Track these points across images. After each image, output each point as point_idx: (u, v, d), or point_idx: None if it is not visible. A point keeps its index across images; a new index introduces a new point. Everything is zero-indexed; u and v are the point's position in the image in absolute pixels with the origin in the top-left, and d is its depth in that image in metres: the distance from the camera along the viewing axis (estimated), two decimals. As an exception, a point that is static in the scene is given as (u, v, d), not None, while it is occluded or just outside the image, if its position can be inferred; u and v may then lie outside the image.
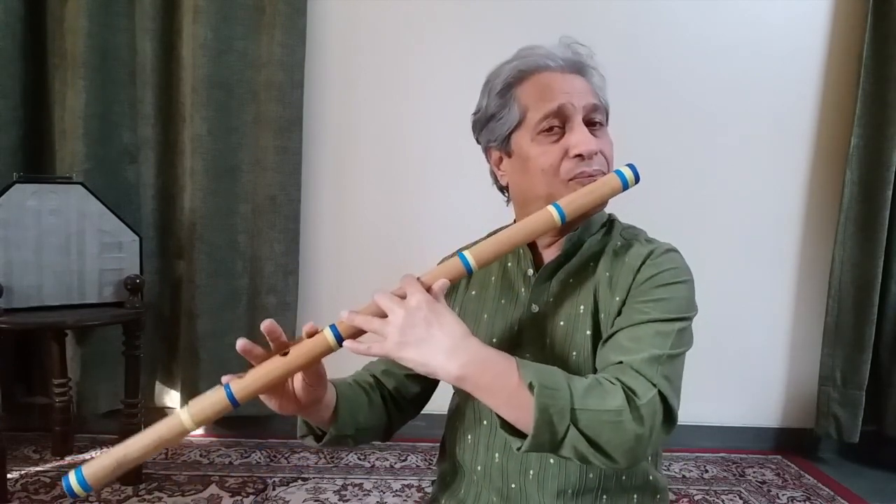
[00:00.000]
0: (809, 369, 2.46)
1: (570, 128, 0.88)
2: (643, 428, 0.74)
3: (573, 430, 0.73)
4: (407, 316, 0.75)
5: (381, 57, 2.37)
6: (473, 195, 2.31)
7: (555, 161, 0.88)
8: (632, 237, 0.95)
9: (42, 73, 2.26)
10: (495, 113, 0.92)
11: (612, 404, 0.74)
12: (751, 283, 2.46)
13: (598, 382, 0.77)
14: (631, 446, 0.74)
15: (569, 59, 0.91)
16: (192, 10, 2.19)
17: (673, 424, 0.79)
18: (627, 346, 0.81)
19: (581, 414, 0.73)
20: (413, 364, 0.76)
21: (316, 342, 0.77)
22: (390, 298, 0.77)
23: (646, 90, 2.35)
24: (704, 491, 2.16)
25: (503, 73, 0.92)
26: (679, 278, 0.87)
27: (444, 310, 0.77)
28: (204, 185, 2.25)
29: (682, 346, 0.84)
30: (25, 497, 1.89)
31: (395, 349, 0.75)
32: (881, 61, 2.26)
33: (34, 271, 1.91)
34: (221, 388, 0.78)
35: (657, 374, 0.78)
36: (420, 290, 0.77)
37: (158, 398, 2.45)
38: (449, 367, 0.74)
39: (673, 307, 0.84)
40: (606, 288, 0.89)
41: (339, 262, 2.44)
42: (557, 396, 0.73)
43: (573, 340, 0.89)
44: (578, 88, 0.89)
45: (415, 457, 2.32)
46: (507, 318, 0.95)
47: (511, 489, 0.91)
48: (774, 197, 2.45)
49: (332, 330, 0.77)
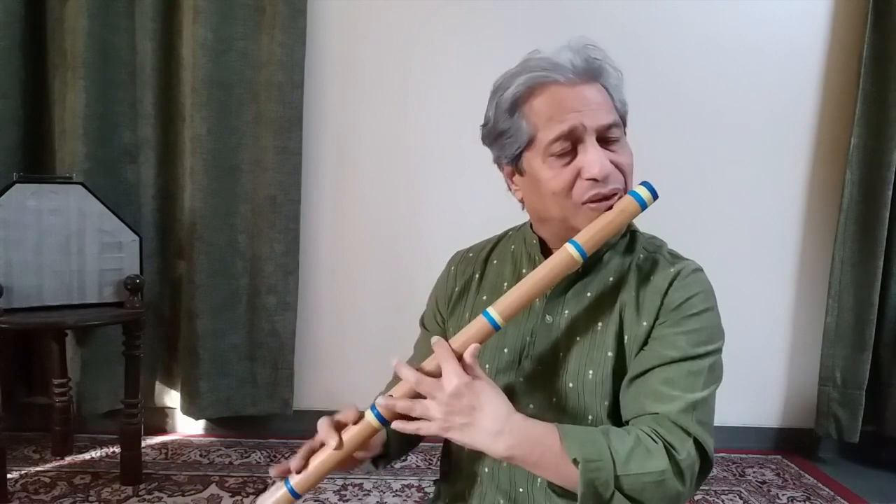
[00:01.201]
0: (809, 369, 2.46)
1: (583, 148, 0.84)
2: (684, 486, 0.78)
3: (618, 495, 0.75)
4: (449, 403, 0.77)
5: (381, 57, 2.37)
6: (474, 195, 2.33)
7: (566, 184, 0.84)
8: (655, 250, 0.93)
9: (42, 73, 2.26)
10: (504, 130, 0.88)
11: (655, 466, 0.76)
12: (751, 282, 2.46)
13: (640, 442, 0.78)
14: (672, 500, 0.78)
15: (579, 66, 0.85)
16: (192, 10, 2.19)
17: (709, 470, 0.82)
18: (661, 392, 0.82)
19: (625, 479, 0.75)
20: (460, 444, 0.79)
21: (363, 429, 0.82)
22: (428, 384, 0.78)
23: (646, 90, 2.34)
24: (704, 491, 2.16)
25: (511, 87, 0.86)
26: (707, 304, 0.87)
27: (484, 389, 0.78)
28: (204, 185, 2.25)
29: (714, 382, 0.84)
30: (25, 497, 1.89)
31: (442, 432, 0.78)
32: (881, 61, 2.26)
33: (34, 271, 1.91)
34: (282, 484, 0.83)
35: (692, 423, 0.80)
36: (455, 370, 0.77)
37: (158, 398, 2.45)
38: (496, 450, 0.77)
39: (704, 338, 0.84)
40: (633, 310, 0.87)
41: (339, 262, 2.44)
42: (601, 468, 0.75)
43: (591, 358, 0.88)
44: (591, 103, 0.84)
45: (415, 457, 2.32)
46: (519, 328, 0.93)
47: (518, 493, 0.91)
48: (774, 197, 2.45)
49: (374, 413, 0.81)
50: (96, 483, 2.00)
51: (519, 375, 0.92)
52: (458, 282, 1.03)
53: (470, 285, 1.01)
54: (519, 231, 1.02)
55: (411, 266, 2.39)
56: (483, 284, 1.00)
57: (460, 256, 1.06)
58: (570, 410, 0.88)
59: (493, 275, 1.00)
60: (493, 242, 1.05)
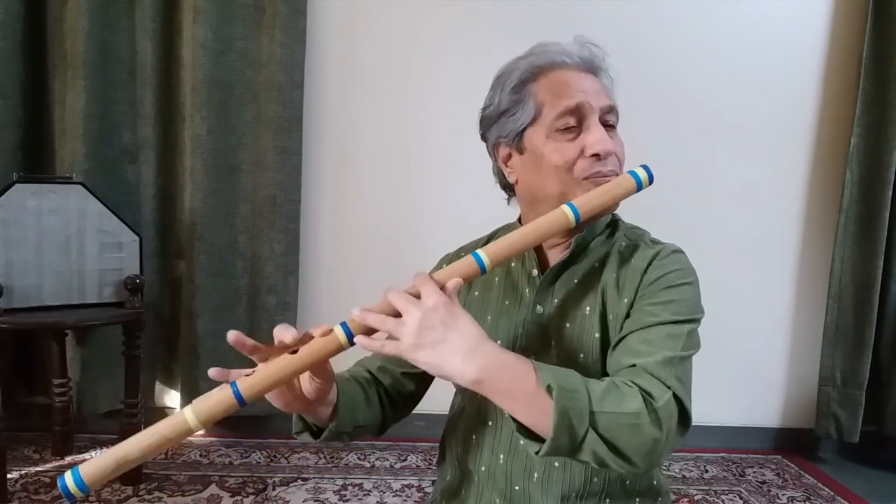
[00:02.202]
0: (809, 369, 2.46)
1: (587, 126, 0.87)
2: (661, 431, 0.74)
3: (592, 434, 0.72)
4: (423, 317, 0.73)
5: (382, 57, 2.37)
6: (473, 195, 2.32)
7: (570, 159, 0.87)
8: (637, 238, 0.94)
9: (42, 73, 2.26)
10: (508, 108, 0.91)
11: (631, 407, 0.74)
12: (751, 282, 2.46)
13: (615, 385, 0.76)
14: (649, 449, 0.74)
15: (585, 57, 0.91)
16: (192, 10, 2.19)
17: (688, 426, 0.79)
18: (639, 349, 0.81)
19: (600, 417, 0.72)
20: (427, 367, 0.74)
21: (327, 340, 0.75)
22: (405, 298, 0.75)
23: (646, 89, 2.35)
24: (704, 491, 2.16)
25: (518, 68, 0.91)
26: (686, 279, 0.87)
27: (461, 311, 0.76)
28: (204, 185, 2.25)
29: (692, 348, 0.84)
30: (25, 497, 1.89)
31: (410, 350, 0.73)
32: (881, 61, 2.26)
33: (34, 271, 1.91)
34: (228, 387, 0.75)
35: (671, 376, 0.78)
36: (436, 290, 0.75)
37: (158, 398, 2.45)
38: (465, 371, 0.73)
39: (682, 308, 0.85)
40: (614, 290, 0.89)
41: (339, 262, 2.44)
42: (576, 398, 0.72)
43: (580, 342, 0.89)
44: (594, 87, 0.89)
45: (415, 457, 2.32)
46: (511, 320, 0.95)
47: (514, 491, 0.91)
48: (774, 197, 2.45)
49: (343, 328, 0.75)
50: (96, 483, 2.00)
51: None
52: None
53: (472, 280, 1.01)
54: (508, 228, 1.04)
55: (411, 266, 2.35)
56: (473, 283, 1.00)
57: (450, 257, 1.08)
58: None
59: None
60: (483, 241, 1.06)
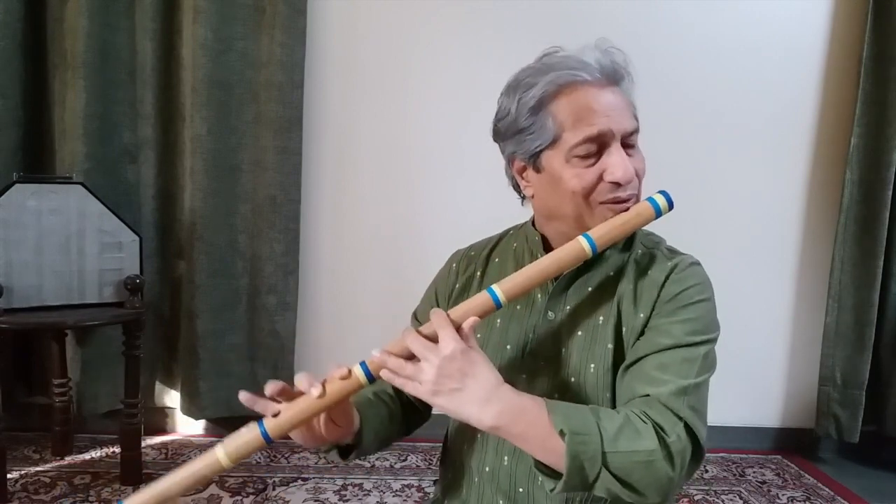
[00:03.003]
0: (809, 369, 2.46)
1: (608, 152, 0.85)
2: (674, 468, 0.76)
3: (605, 473, 0.74)
4: (441, 366, 0.76)
5: (382, 57, 2.37)
6: (474, 195, 2.33)
7: (589, 185, 0.85)
8: (653, 246, 0.93)
9: (42, 73, 2.25)
10: (526, 127, 0.87)
11: (645, 445, 0.75)
12: (751, 282, 2.46)
13: (629, 421, 0.77)
14: (663, 484, 0.76)
15: (606, 67, 0.87)
16: (192, 10, 2.19)
17: (701, 457, 0.80)
18: (654, 377, 0.81)
19: (612, 457, 0.74)
20: (445, 411, 0.78)
21: (349, 383, 0.80)
22: (423, 345, 0.78)
23: (646, 90, 2.34)
24: (704, 491, 2.16)
25: (537, 84, 0.86)
26: (703, 295, 0.87)
27: (478, 358, 0.78)
28: (204, 185, 2.25)
29: (707, 370, 0.83)
30: (25, 497, 1.89)
31: (429, 396, 0.77)
32: (881, 62, 2.25)
33: (34, 271, 1.91)
34: (256, 427, 0.80)
35: (683, 406, 0.79)
36: (453, 336, 0.77)
37: (158, 398, 2.45)
38: (482, 418, 0.76)
39: (699, 327, 0.84)
40: (630, 303, 0.88)
41: (339, 262, 2.44)
42: (588, 442, 0.74)
43: (591, 352, 0.88)
44: (617, 107, 0.86)
45: (415, 457, 2.32)
46: (521, 324, 0.94)
47: (518, 493, 0.91)
48: (774, 197, 2.45)
49: (362, 368, 0.80)
50: (96, 483, 2.00)
51: (521, 371, 0.92)
52: (459, 279, 1.03)
53: (471, 283, 1.01)
54: (520, 229, 1.03)
55: (411, 266, 2.39)
56: (485, 282, 1.00)
57: (462, 254, 1.07)
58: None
59: (495, 272, 1.00)
60: (495, 241, 1.06)
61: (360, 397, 0.93)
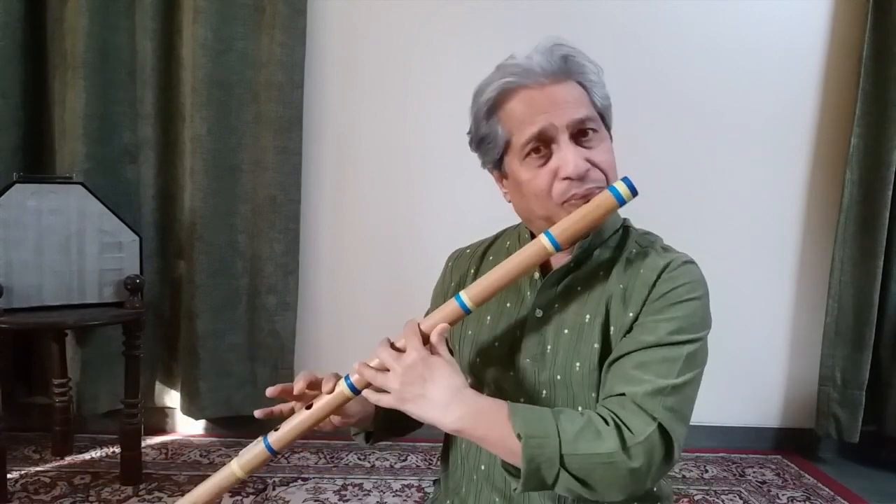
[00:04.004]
0: (809, 369, 2.46)
1: (557, 148, 0.85)
2: (638, 465, 0.76)
3: (564, 474, 0.76)
4: (404, 374, 0.80)
5: (382, 57, 2.37)
6: (474, 195, 2.33)
7: (545, 185, 0.85)
8: (648, 245, 0.92)
9: (42, 73, 2.26)
10: (485, 136, 0.90)
11: (604, 447, 0.76)
12: (751, 282, 2.46)
13: (591, 423, 0.78)
14: (625, 483, 0.76)
15: (549, 68, 0.85)
16: (192, 10, 2.19)
17: (671, 459, 0.79)
18: (632, 376, 0.81)
19: (570, 459, 0.75)
20: (413, 416, 0.81)
21: (335, 396, 0.88)
22: (390, 354, 0.83)
23: (646, 89, 2.35)
24: (704, 491, 2.16)
25: (485, 94, 0.88)
26: (693, 294, 0.85)
27: (438, 363, 0.81)
28: (204, 185, 2.25)
29: (691, 370, 0.82)
30: (25, 497, 1.89)
31: (398, 403, 0.81)
32: (881, 61, 2.25)
33: (34, 271, 1.91)
34: (261, 441, 0.91)
35: (659, 407, 0.78)
36: (417, 345, 0.82)
37: (158, 398, 2.45)
38: (445, 422, 0.80)
39: (685, 326, 0.83)
40: (620, 301, 0.87)
41: (339, 262, 2.44)
42: (545, 445, 0.76)
43: (577, 351, 0.88)
44: (561, 101, 0.84)
45: (415, 457, 2.32)
46: (510, 321, 0.95)
47: (513, 490, 0.91)
48: (774, 197, 2.45)
49: (347, 382, 0.87)
50: (96, 483, 2.00)
51: (509, 369, 0.93)
52: (454, 277, 1.05)
53: (465, 281, 1.02)
54: (515, 229, 1.05)
55: (411, 266, 2.39)
56: None
57: (458, 254, 1.09)
58: (560, 403, 0.88)
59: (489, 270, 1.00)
60: (490, 240, 1.07)
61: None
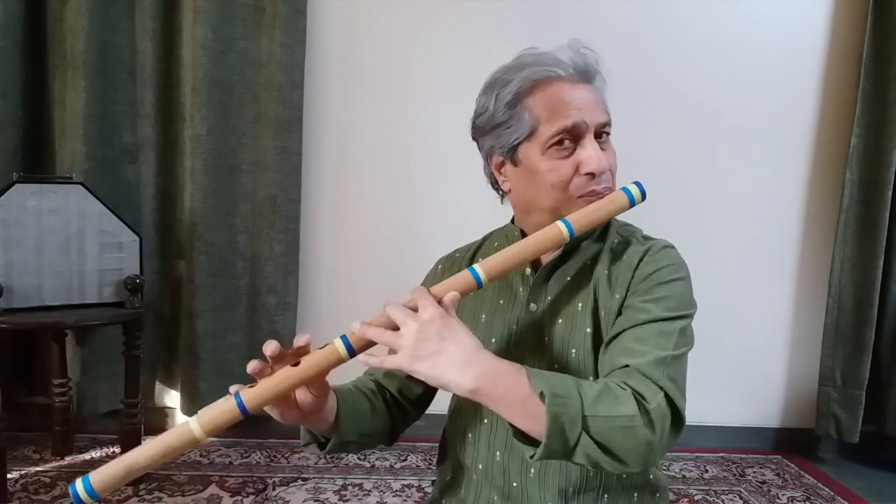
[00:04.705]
0: (809, 369, 2.46)
1: (582, 144, 0.88)
2: (654, 434, 0.75)
3: (585, 437, 0.73)
4: (420, 329, 0.76)
5: (382, 57, 2.37)
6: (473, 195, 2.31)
7: (565, 177, 0.88)
8: (629, 235, 0.96)
9: (42, 73, 2.26)
10: (503, 121, 0.90)
11: (625, 410, 0.75)
12: (751, 282, 2.46)
13: (609, 388, 0.77)
14: (643, 451, 0.75)
15: (579, 65, 0.89)
16: (192, 10, 2.19)
17: (681, 426, 0.80)
18: (632, 349, 0.82)
19: (592, 421, 0.73)
20: (425, 377, 0.76)
21: (327, 353, 0.77)
22: (403, 311, 0.78)
23: (646, 90, 2.35)
24: (704, 491, 2.16)
25: (513, 80, 0.89)
26: (677, 274, 0.89)
27: (457, 323, 0.78)
28: (204, 185, 2.25)
29: (685, 345, 0.85)
30: (25, 497, 1.89)
31: (408, 363, 0.76)
32: (881, 61, 2.25)
33: (34, 271, 1.91)
34: (231, 398, 0.76)
35: (663, 377, 0.79)
36: (433, 303, 0.78)
37: (158, 398, 2.45)
38: (462, 381, 0.75)
39: (674, 304, 0.86)
40: (606, 286, 0.90)
41: (339, 262, 2.44)
42: (569, 404, 0.73)
43: (572, 338, 0.90)
44: (590, 101, 0.88)
45: (415, 457, 2.32)
46: (505, 318, 0.96)
47: (512, 487, 0.92)
48: (774, 197, 2.45)
49: (343, 341, 0.78)
50: (96, 483, 2.00)
51: None
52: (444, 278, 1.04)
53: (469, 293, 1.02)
54: (502, 230, 1.06)
55: (411, 266, 2.36)
56: None
57: (447, 257, 1.10)
58: None
59: None
60: (478, 243, 1.08)
61: (340, 388, 0.94)
